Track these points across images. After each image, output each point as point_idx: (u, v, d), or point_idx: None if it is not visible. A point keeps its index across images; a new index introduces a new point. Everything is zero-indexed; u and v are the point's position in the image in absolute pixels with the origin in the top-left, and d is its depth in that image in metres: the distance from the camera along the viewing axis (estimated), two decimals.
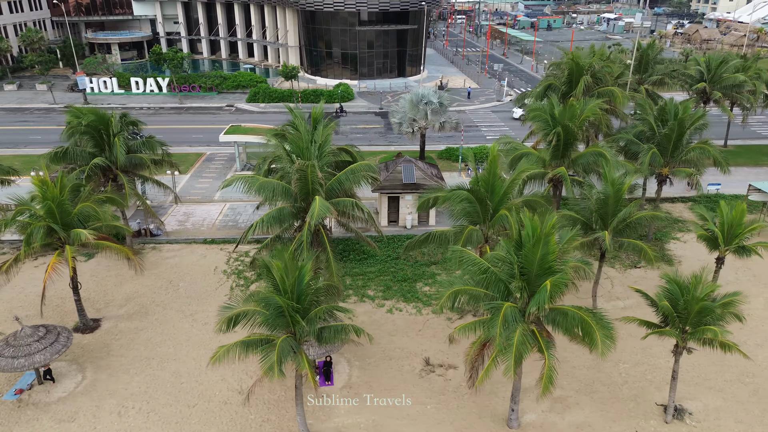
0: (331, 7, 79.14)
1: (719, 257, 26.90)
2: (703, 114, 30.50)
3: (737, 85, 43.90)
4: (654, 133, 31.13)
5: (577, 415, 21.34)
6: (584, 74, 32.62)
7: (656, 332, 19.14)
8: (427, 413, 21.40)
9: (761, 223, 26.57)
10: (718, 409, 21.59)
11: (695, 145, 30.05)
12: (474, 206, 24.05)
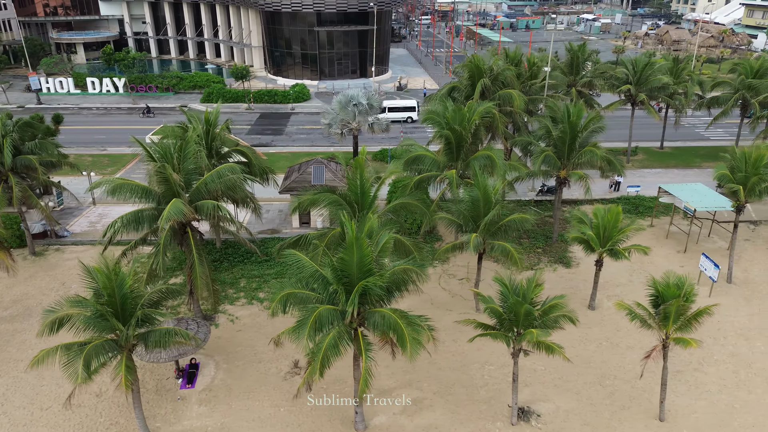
0: (289, 7, 79.20)
1: (597, 259, 27.03)
2: (596, 116, 30.55)
3: (662, 87, 44.04)
4: (550, 135, 31.25)
5: (428, 417, 21.40)
6: (483, 77, 32.69)
7: (484, 335, 19.21)
8: (279, 416, 21.44)
9: (635, 226, 26.72)
10: (568, 411, 21.69)
11: (587, 148, 30.14)
12: (344, 209, 24.10)
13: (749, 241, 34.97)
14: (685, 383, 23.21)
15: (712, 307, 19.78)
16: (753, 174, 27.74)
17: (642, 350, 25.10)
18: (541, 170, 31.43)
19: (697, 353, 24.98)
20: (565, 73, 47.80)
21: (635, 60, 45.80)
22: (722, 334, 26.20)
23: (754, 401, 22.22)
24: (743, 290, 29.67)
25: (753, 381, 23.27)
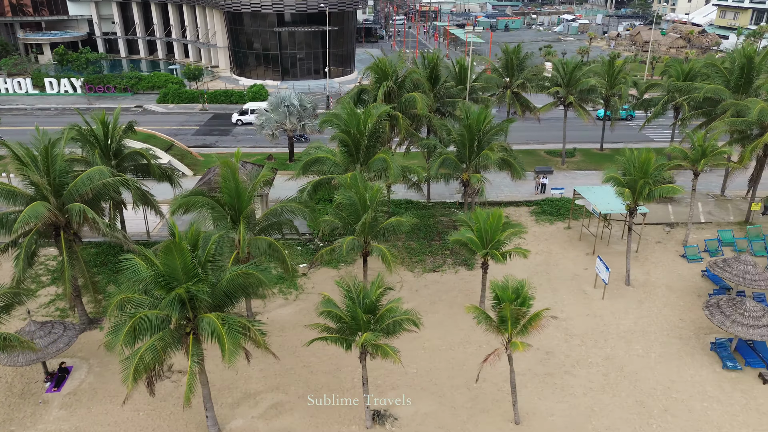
0: (249, 8, 79.21)
1: (483, 262, 27.07)
2: (489, 117, 30.51)
3: (590, 89, 44.13)
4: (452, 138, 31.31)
5: (285, 421, 21.42)
6: (388, 80, 32.71)
7: (322, 339, 19.22)
8: (136, 420, 21.43)
9: (518, 229, 26.76)
10: (426, 415, 21.73)
11: (484, 152, 30.16)
12: (219, 212, 24.13)
13: (660, 243, 35.06)
14: (552, 386, 23.25)
15: (544, 311, 19.78)
16: (640, 177, 27.84)
17: (519, 353, 25.28)
18: (440, 173, 31.50)
19: (573, 356, 25.07)
20: (501, 75, 47.93)
21: (565, 62, 45.86)
22: (604, 337, 26.25)
23: (615, 404, 22.28)
24: (639, 293, 29.73)
25: (620, 384, 23.33)
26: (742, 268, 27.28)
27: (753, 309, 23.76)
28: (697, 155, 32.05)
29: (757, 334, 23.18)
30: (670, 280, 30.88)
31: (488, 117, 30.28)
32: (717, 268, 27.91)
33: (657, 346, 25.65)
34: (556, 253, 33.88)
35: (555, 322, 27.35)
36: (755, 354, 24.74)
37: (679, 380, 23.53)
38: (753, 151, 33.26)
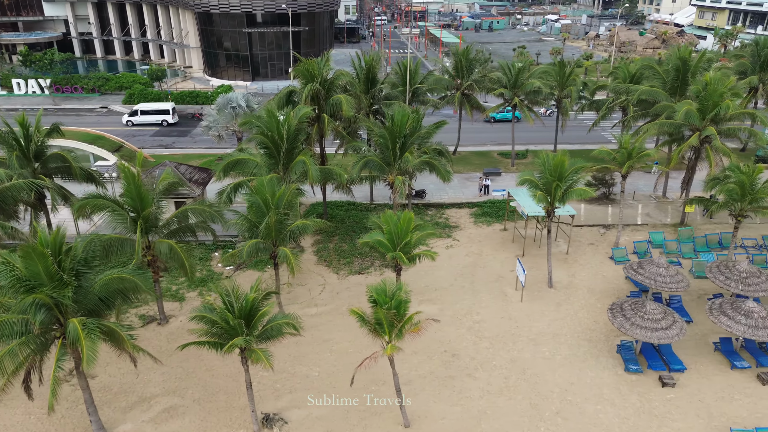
0: (217, 8, 79.20)
1: (395, 265, 26.99)
2: (414, 119, 30.49)
3: (535, 90, 44.16)
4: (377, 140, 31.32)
5: (174, 425, 21.37)
6: (314, 82, 32.67)
7: (195, 343, 19.19)
8: (26, 424, 21.38)
9: (430, 231, 26.74)
10: (318, 418, 21.71)
11: (405, 154, 30.13)
12: (120, 214, 24.11)
13: (593, 245, 35.08)
14: (451, 389, 23.25)
15: (416, 314, 19.75)
16: (554, 179, 27.86)
17: (425, 355, 25.35)
18: (367, 175, 31.49)
19: (478, 358, 25.07)
20: (453, 77, 47.96)
21: (512, 64, 45.89)
22: (513, 339, 26.26)
23: (509, 407, 22.28)
24: (559, 295, 29.75)
25: (519, 386, 23.33)
26: (654, 270, 27.33)
27: (653, 312, 23.79)
28: (623, 157, 32.13)
29: (654, 337, 23.20)
30: (593, 283, 30.91)
31: (411, 120, 30.26)
32: (631, 270, 27.95)
33: (564, 348, 25.67)
34: (487, 255, 33.90)
35: (468, 324, 27.46)
36: (659, 357, 24.78)
37: (578, 383, 23.55)
38: (680, 153, 33.32)
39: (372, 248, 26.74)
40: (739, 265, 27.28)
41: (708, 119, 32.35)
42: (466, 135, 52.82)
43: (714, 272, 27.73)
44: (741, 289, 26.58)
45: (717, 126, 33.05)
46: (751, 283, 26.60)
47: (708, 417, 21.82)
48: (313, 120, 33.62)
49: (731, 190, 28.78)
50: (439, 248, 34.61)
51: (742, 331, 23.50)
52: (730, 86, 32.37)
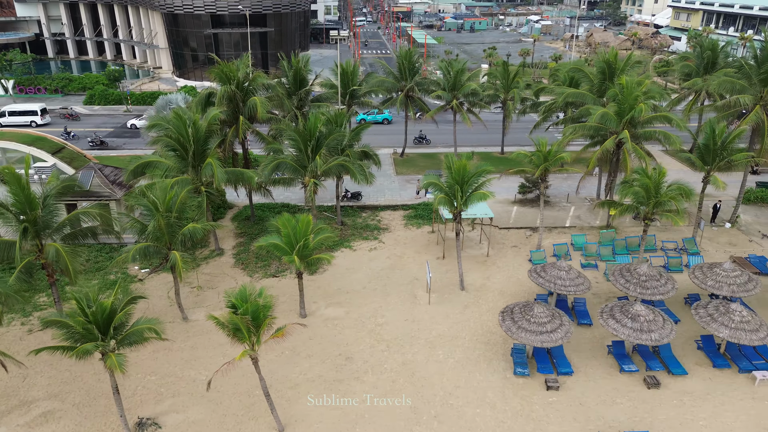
0: (181, 9, 79.19)
1: (298, 271, 26.88)
2: (323, 121, 30.54)
3: (473, 93, 44.24)
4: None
5: (48, 429, 21.34)
6: (229, 84, 32.68)
7: (48, 348, 19.17)
8: None
9: (327, 234, 26.72)
10: (194, 422, 21.69)
11: (316, 157, 30.14)
12: (6, 218, 24.08)
13: (516, 248, 35.13)
14: (335, 392, 23.24)
15: (270, 320, 19.67)
16: (458, 182, 27.89)
17: (319, 359, 25.32)
18: (282, 178, 31.54)
19: (371, 361, 25.06)
20: (397, 79, 48.00)
21: (451, 66, 45.93)
22: (411, 342, 26.27)
23: (389, 411, 22.28)
24: (469, 297, 29.77)
25: (404, 390, 23.32)
26: (555, 273, 27.40)
27: (539, 315, 23.81)
28: (539, 160, 32.21)
29: (538, 340, 23.23)
30: (506, 285, 30.94)
31: (321, 122, 30.29)
32: (534, 273, 28.00)
33: (460, 351, 25.69)
34: (408, 257, 33.91)
35: (370, 327, 27.46)
36: (548, 359, 24.82)
37: (464, 386, 23.57)
38: (597, 156, 33.37)
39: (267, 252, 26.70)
40: (639, 268, 27.34)
41: (624, 122, 32.42)
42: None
43: (616, 275, 27.79)
44: (639, 292, 26.64)
45: (635, 129, 33.14)
46: (649, 286, 26.66)
47: (585, 421, 21.86)
48: (233, 121, 33.63)
49: (637, 193, 28.85)
50: (362, 251, 34.69)
51: (626, 335, 23.54)
52: (645, 89, 32.38)
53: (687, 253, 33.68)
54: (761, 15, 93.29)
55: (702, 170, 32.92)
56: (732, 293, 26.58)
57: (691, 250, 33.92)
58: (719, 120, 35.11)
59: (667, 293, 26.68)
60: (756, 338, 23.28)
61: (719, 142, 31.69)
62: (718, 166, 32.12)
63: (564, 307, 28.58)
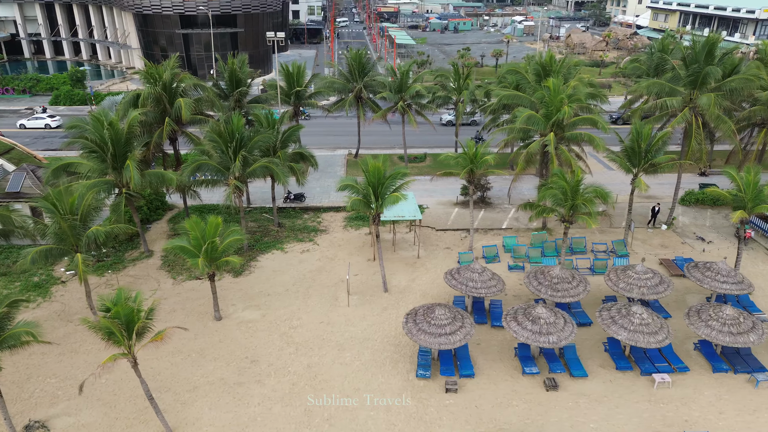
0: (149, 9, 79.20)
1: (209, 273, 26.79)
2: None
3: (418, 94, 44.28)
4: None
5: None
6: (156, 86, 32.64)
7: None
8: None
9: (237, 237, 26.64)
10: (84, 426, 21.67)
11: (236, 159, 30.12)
12: None
13: (449, 250, 35.11)
14: (233, 395, 23.23)
15: (142, 324, 19.59)
16: (373, 185, 27.90)
17: (224, 362, 25.31)
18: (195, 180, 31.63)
19: (276, 364, 25.05)
20: (348, 80, 47.99)
21: (399, 67, 45.91)
22: (321, 345, 26.25)
23: (283, 414, 22.26)
24: (390, 299, 29.76)
25: (302, 393, 23.31)
26: (467, 276, 27.43)
27: (440, 317, 23.81)
28: (465, 162, 32.26)
29: (435, 343, 23.24)
30: (430, 288, 30.94)
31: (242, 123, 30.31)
32: (448, 276, 28.02)
33: (368, 353, 25.70)
34: (339, 259, 33.89)
35: (283, 329, 27.45)
36: (452, 362, 24.84)
37: (364, 388, 23.57)
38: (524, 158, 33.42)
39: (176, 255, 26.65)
40: (552, 271, 27.38)
41: (550, 125, 32.45)
42: (383, 138, 53.14)
43: (530, 278, 27.83)
44: (550, 295, 26.69)
45: (564, 131, 33.17)
46: (560, 289, 26.71)
47: (476, 423, 21.87)
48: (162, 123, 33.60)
49: (554, 195, 28.91)
50: (294, 252, 34.68)
51: (525, 337, 23.57)
52: (569, 93, 32.34)
53: (615, 255, 33.75)
54: (734, 16, 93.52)
55: (629, 172, 32.98)
56: (642, 295, 26.66)
57: (620, 252, 33.98)
58: (652, 122, 35.27)
59: (578, 295, 26.74)
60: (654, 341, 23.33)
61: (645, 144, 31.77)
62: (644, 168, 32.20)
63: (481, 309, 28.61)
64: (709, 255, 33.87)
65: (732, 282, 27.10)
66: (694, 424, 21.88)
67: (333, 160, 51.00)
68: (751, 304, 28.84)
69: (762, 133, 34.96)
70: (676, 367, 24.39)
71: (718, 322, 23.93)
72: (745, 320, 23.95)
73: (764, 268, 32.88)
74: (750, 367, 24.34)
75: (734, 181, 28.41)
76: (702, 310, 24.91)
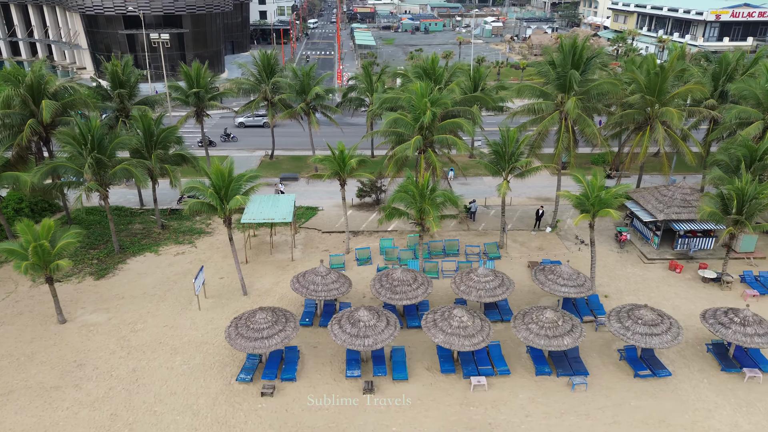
0: (92, 10, 79.01)
1: (47, 276, 26.69)
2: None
3: (319, 96, 44.29)
4: None
5: None
6: (18, 86, 32.55)
7: None
8: None
9: (68, 241, 26.47)
10: None
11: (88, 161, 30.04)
12: None
13: (328, 252, 35.08)
14: (45, 399, 23.04)
15: None
16: (217, 187, 27.85)
17: (50, 365, 25.19)
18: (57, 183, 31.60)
19: (102, 368, 24.87)
20: (259, 81, 47.96)
21: (302, 69, 45.91)
22: (155, 348, 26.08)
23: (88, 419, 22.06)
24: (247, 303, 29.61)
25: (115, 397, 23.14)
26: (310, 279, 27.42)
27: (259, 321, 23.75)
28: (333, 165, 32.26)
29: (251, 347, 23.17)
30: (290, 290, 30.87)
31: (97, 124, 30.24)
32: (294, 280, 27.95)
33: (200, 357, 25.63)
34: (212, 262, 33.80)
35: (124, 333, 27.33)
36: (276, 365, 24.78)
37: (180, 392, 23.42)
38: (396, 162, 33.46)
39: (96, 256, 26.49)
40: (394, 273, 27.39)
41: (417, 128, 32.47)
42: (304, 138, 53.19)
43: (374, 280, 27.83)
44: (389, 297, 26.71)
45: (433, 134, 33.19)
46: (398, 291, 26.72)
47: (280, 427, 21.75)
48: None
49: (404, 198, 28.93)
50: (167, 255, 34.60)
51: (343, 340, 23.54)
52: (436, 97, 32.28)
53: (487, 258, 33.79)
54: (685, 18, 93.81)
55: (497, 175, 33.04)
56: (479, 298, 26.70)
57: (491, 254, 34.03)
58: (527, 126, 35.38)
59: (415, 298, 26.73)
60: (468, 344, 23.32)
61: (510, 148, 31.84)
62: (510, 171, 32.27)
63: (332, 312, 28.58)
64: (582, 256, 34.00)
65: (572, 285, 27.16)
66: (497, 427, 21.90)
67: (247, 161, 50.92)
68: (599, 306, 28.93)
69: (638, 137, 35.01)
70: (497, 370, 24.42)
71: (536, 325, 23.96)
72: (564, 323, 23.98)
73: (632, 271, 32.97)
74: (572, 370, 24.38)
75: (580, 184, 28.48)
76: (527, 313, 24.95)
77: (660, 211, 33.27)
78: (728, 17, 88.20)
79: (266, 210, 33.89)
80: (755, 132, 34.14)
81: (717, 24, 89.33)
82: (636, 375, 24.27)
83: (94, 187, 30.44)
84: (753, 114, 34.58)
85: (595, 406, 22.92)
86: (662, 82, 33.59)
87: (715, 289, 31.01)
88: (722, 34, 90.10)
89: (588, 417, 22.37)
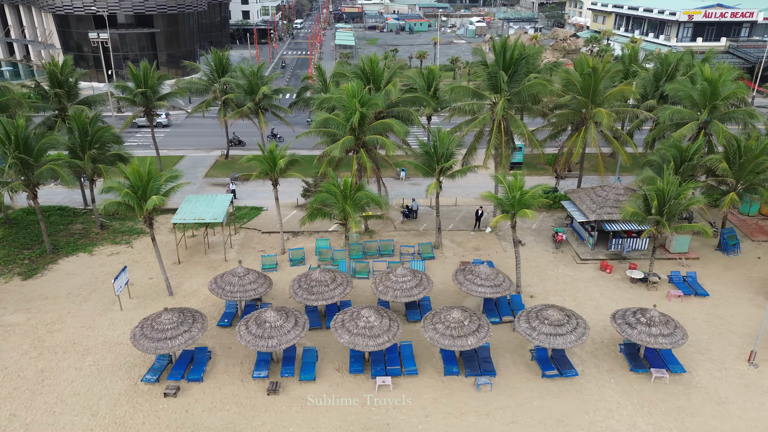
0: (62, 10, 78.87)
1: None
2: (22, 125, 30.37)
3: (267, 96, 44.26)
4: None
5: None
6: None
7: None
8: None
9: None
10: None
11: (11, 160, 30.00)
12: None
13: (264, 252, 35.05)
14: None
15: None
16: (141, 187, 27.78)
17: None
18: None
19: (10, 368, 24.81)
20: (212, 81, 47.92)
21: (250, 68, 45.87)
22: (68, 349, 25.97)
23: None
24: (171, 302, 29.49)
25: (20, 397, 23.04)
26: (228, 279, 27.38)
27: (164, 321, 23.72)
28: (266, 167, 32.20)
29: (153, 348, 23.13)
30: None
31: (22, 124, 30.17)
32: (212, 281, 27.84)
33: (111, 357, 25.52)
34: (145, 262, 33.68)
35: (39, 334, 27.23)
36: (185, 366, 24.72)
37: (84, 393, 23.28)
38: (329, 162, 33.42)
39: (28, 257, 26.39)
40: (312, 274, 27.37)
41: (347, 128, 32.42)
42: None
43: (294, 281, 27.80)
44: (305, 298, 26.69)
45: (365, 135, 33.17)
46: (315, 292, 26.71)
47: (177, 428, 21.67)
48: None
49: (325, 199, 28.90)
50: (101, 255, 34.52)
51: (247, 341, 23.52)
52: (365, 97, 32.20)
53: (421, 258, 33.76)
54: (659, 18, 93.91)
55: (428, 176, 33.01)
56: (395, 298, 26.69)
57: (425, 254, 34.01)
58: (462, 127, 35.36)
59: (332, 298, 26.70)
60: (372, 344, 23.27)
61: (441, 149, 31.81)
62: (440, 172, 32.24)
63: None
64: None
65: (489, 285, 27.15)
66: (395, 427, 21.87)
67: (203, 161, 50.91)
68: (521, 306, 28.92)
69: (574, 137, 35.03)
70: (405, 370, 24.39)
71: (443, 325, 23.94)
72: (470, 323, 23.95)
73: (564, 271, 32.95)
74: (480, 369, 24.37)
75: (500, 184, 28.47)
76: (437, 314, 24.93)
77: (592, 212, 33.28)
78: (701, 17, 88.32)
79: (199, 210, 33.84)
80: (689, 133, 34.18)
81: (690, 24, 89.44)
82: (543, 375, 24.28)
83: (19, 188, 30.34)
84: (687, 114, 34.62)
85: (496, 406, 22.92)
86: (596, 84, 33.60)
87: (641, 289, 31.05)
88: (696, 34, 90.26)
89: (488, 417, 22.35)
